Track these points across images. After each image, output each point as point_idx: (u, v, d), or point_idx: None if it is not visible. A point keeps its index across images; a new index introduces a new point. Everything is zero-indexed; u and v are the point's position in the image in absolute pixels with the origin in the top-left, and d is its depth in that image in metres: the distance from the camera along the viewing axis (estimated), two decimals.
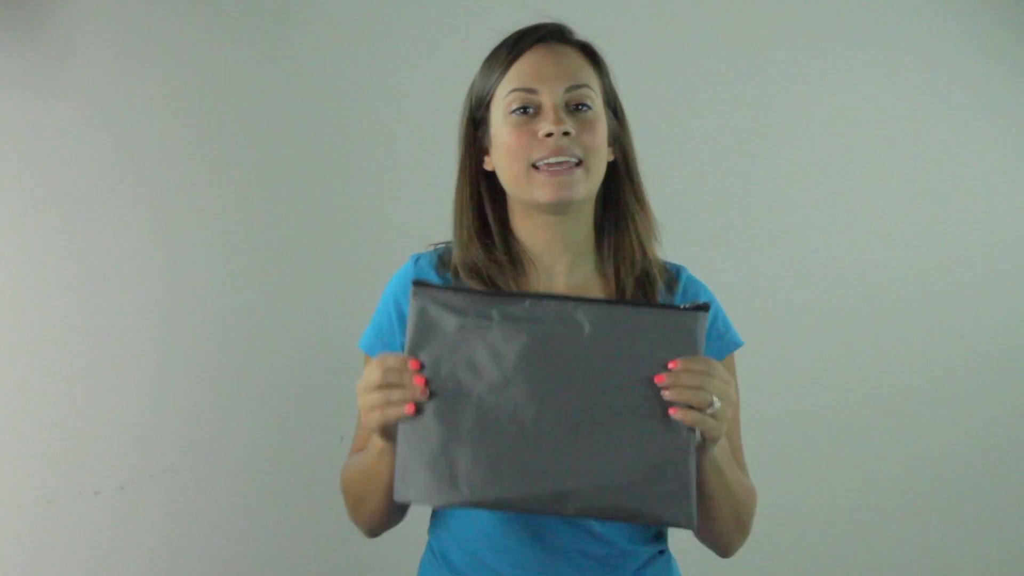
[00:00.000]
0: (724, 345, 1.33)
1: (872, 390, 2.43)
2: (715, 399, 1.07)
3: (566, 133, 1.22)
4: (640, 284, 1.30)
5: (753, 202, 2.38)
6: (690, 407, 1.07)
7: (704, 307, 1.09)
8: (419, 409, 1.09)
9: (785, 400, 2.39)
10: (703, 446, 1.12)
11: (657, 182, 2.28)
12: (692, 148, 2.35)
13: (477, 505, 1.09)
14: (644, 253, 1.32)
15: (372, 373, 1.10)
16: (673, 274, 1.35)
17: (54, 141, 2.05)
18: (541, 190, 1.24)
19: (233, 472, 2.14)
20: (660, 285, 1.32)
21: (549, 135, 1.23)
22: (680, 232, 2.31)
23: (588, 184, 1.25)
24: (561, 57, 1.26)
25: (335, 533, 2.04)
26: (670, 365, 1.07)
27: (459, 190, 1.32)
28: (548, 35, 1.28)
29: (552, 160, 1.22)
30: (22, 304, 2.04)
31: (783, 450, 2.38)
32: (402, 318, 1.29)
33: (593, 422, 1.08)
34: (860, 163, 2.41)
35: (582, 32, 1.34)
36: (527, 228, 1.31)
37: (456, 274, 1.30)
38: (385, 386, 1.09)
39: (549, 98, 1.24)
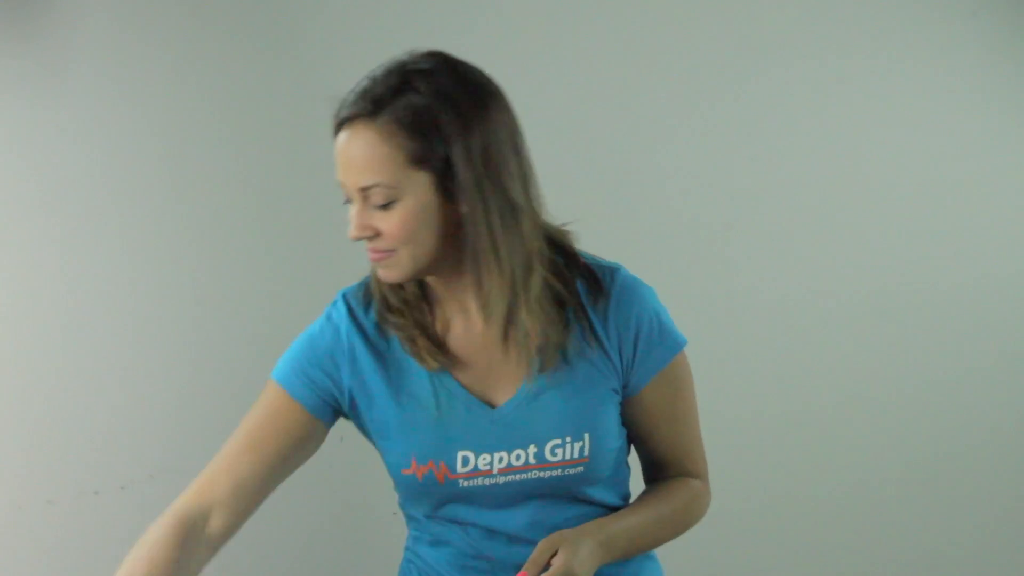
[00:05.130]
0: (665, 350, 1.27)
1: (872, 388, 2.43)
2: None
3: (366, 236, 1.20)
4: (509, 320, 1.22)
5: (754, 202, 2.37)
6: None
7: None
8: None
9: (785, 399, 2.39)
10: None
11: (659, 183, 2.31)
12: (693, 148, 2.35)
13: None
14: (509, 290, 1.21)
15: None
16: (601, 278, 1.26)
17: (52, 144, 2.05)
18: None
19: None
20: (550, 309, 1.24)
21: None
22: (680, 232, 2.34)
23: (411, 263, 1.21)
24: (354, 149, 1.19)
25: (334, 534, 2.05)
26: None
27: None
28: (347, 119, 1.21)
29: (370, 252, 1.22)
30: (22, 305, 2.05)
31: (781, 449, 2.38)
32: (340, 373, 1.32)
33: None
34: (860, 162, 2.41)
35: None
36: None
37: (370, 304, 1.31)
38: None
39: (353, 194, 1.21)
